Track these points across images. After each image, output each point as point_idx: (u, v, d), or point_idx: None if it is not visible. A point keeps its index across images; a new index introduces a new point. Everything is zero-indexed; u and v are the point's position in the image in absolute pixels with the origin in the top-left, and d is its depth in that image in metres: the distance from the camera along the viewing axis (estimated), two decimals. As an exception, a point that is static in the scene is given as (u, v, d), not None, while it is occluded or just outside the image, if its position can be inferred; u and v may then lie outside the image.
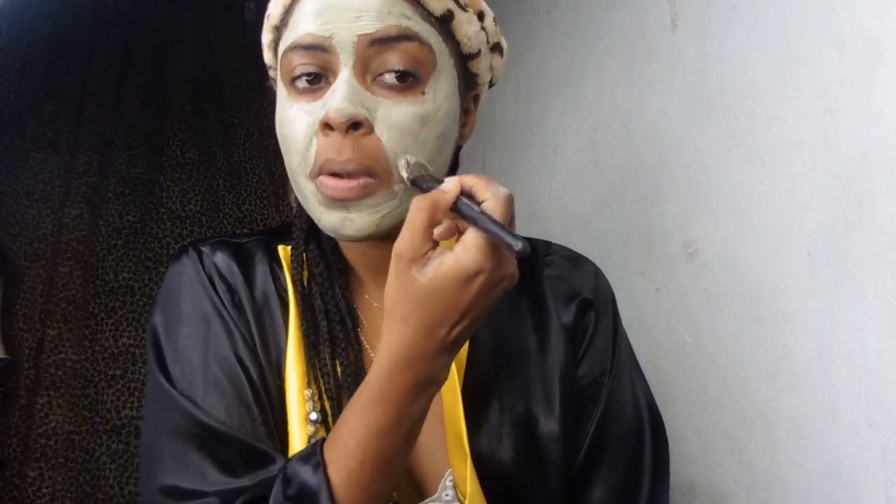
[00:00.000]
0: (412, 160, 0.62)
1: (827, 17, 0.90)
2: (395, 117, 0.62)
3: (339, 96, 0.60)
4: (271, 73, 0.73)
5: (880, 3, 0.84)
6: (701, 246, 1.11)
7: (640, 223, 1.26)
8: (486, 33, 0.70)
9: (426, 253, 0.53)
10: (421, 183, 0.60)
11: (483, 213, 0.51)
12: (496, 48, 0.72)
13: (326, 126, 0.61)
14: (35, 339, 2.10)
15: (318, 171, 0.63)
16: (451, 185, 0.54)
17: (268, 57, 0.73)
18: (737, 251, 1.04)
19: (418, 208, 0.53)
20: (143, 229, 2.24)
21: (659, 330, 1.19)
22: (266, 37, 0.71)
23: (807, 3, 0.94)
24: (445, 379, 0.57)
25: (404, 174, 0.62)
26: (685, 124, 1.15)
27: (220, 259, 0.71)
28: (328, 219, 0.64)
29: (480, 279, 0.52)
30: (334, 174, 0.62)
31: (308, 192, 0.65)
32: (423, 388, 0.55)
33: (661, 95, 1.21)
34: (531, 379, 0.71)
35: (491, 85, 0.76)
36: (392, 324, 0.54)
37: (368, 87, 0.62)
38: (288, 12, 0.67)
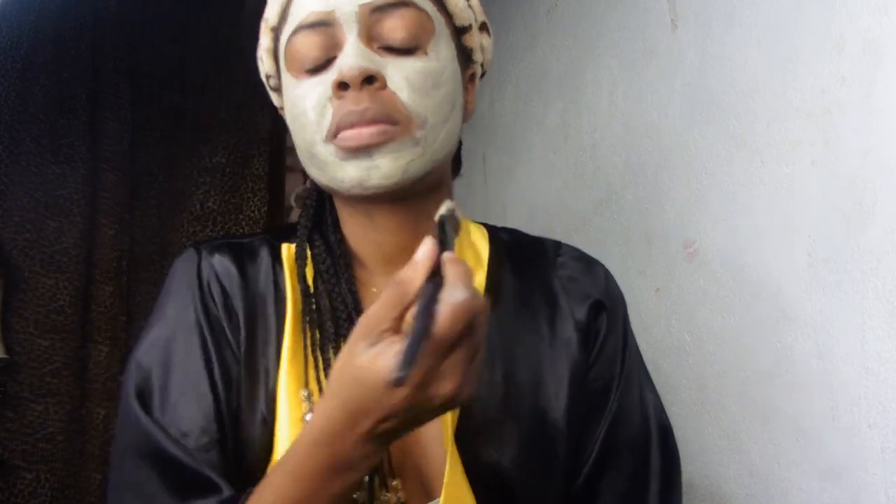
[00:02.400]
0: (452, 206, 0.59)
1: (827, 17, 0.90)
2: (405, 72, 0.63)
3: (350, 54, 0.61)
4: (271, 82, 0.72)
5: (880, 3, 0.84)
6: (701, 246, 1.11)
7: (640, 223, 1.26)
8: (473, 11, 0.71)
9: (383, 332, 0.49)
10: (444, 226, 0.56)
11: (422, 331, 0.45)
12: (483, 27, 0.74)
13: (341, 86, 0.62)
14: (47, 346, 2.11)
15: (336, 130, 0.63)
16: (421, 267, 0.50)
17: (267, 65, 0.72)
18: (737, 251, 1.04)
19: (394, 283, 0.50)
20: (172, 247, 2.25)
21: (659, 330, 1.19)
22: (264, 41, 0.70)
23: (807, 3, 0.94)
24: (367, 469, 0.54)
25: (443, 210, 0.58)
26: (685, 124, 1.15)
27: (218, 261, 0.70)
28: (351, 172, 0.63)
29: (404, 392, 0.48)
30: (352, 126, 0.62)
31: (327, 155, 0.64)
32: (340, 471, 0.52)
33: (661, 95, 1.21)
34: (540, 375, 0.69)
35: (483, 72, 0.77)
36: (325, 393, 0.52)
37: (375, 51, 0.64)
38: (286, 9, 0.67)
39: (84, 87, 2.17)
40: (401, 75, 0.63)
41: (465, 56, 0.72)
